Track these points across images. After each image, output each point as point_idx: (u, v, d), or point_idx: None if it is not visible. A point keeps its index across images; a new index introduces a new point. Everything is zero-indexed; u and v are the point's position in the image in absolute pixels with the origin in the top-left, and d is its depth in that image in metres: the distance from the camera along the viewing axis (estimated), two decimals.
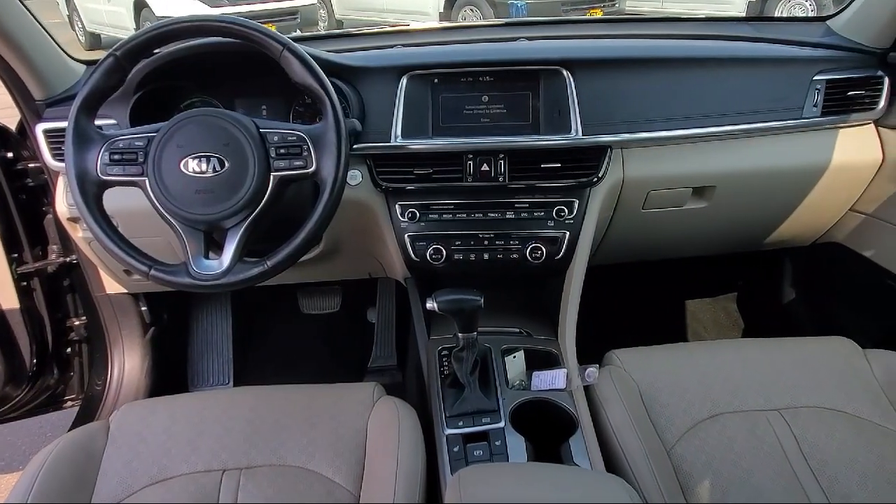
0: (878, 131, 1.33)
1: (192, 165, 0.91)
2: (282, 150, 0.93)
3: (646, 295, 2.00)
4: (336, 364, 1.86)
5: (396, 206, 1.22)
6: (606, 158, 1.20)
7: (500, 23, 1.54)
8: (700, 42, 1.38)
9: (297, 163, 0.93)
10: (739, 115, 1.24)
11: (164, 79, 1.16)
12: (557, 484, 0.70)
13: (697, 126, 1.23)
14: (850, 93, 1.28)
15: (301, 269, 1.40)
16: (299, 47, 0.94)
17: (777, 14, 6.71)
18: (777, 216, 1.44)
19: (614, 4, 7.28)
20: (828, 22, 1.40)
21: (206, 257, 0.95)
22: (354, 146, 1.16)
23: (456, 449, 1.01)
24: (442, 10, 7.45)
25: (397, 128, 1.16)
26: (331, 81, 0.96)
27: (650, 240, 1.46)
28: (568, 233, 1.21)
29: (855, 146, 1.32)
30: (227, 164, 0.91)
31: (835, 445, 0.98)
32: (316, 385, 1.13)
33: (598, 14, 7.07)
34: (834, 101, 1.27)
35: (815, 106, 1.26)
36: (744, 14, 6.77)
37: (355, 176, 1.20)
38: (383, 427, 1.01)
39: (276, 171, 0.93)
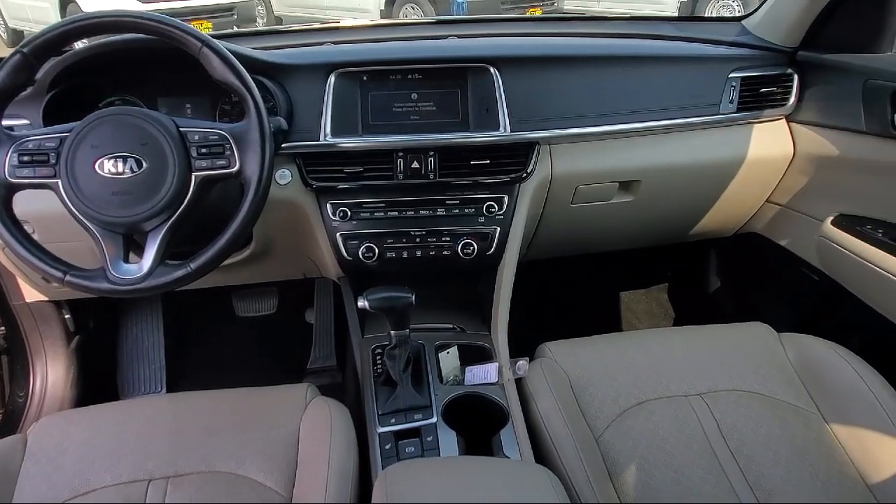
0: (789, 126, 1.40)
1: (107, 166, 0.87)
2: (203, 150, 0.91)
3: (582, 288, 2.05)
4: (274, 367, 1.83)
5: (327, 205, 1.21)
6: (534, 154, 1.23)
7: (431, 21, 1.55)
8: (624, 40, 1.42)
9: (220, 162, 0.91)
10: (661, 111, 1.29)
11: (81, 77, 1.11)
12: (482, 476, 0.71)
13: (621, 122, 1.27)
14: (762, 89, 1.34)
15: (233, 271, 1.38)
16: (219, 44, 0.91)
17: (707, 14, 6.97)
18: (699, 208, 1.49)
19: (553, 3, 7.40)
20: (743, 22, 1.46)
21: (127, 261, 0.92)
22: (283, 145, 1.14)
23: (388, 446, 1.01)
24: (383, 8, 7.41)
25: (326, 126, 1.15)
26: (255, 79, 0.94)
27: (581, 234, 1.50)
28: (498, 228, 1.23)
29: (768, 140, 1.38)
30: (145, 165, 0.88)
31: (751, 426, 1.02)
32: (247, 389, 1.11)
33: (538, 13, 7.17)
34: (748, 97, 1.33)
35: (731, 102, 1.32)
36: (676, 14, 7.00)
37: (285, 175, 1.19)
38: (316, 428, 1.00)
39: (198, 170, 0.90)
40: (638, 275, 2.09)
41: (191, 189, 0.90)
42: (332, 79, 1.16)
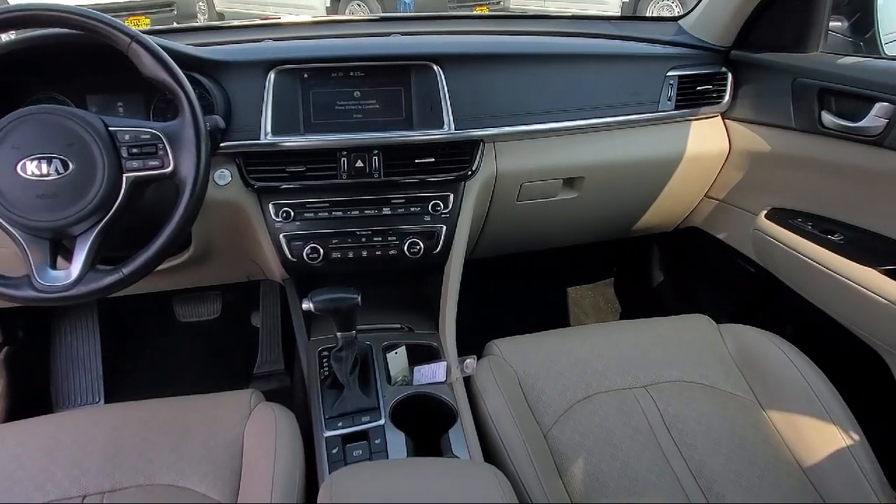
0: (724, 123, 1.45)
1: (30, 168, 0.83)
2: (134, 150, 0.87)
3: (530, 285, 2.07)
4: (218, 373, 1.78)
5: (270, 205, 1.18)
6: (479, 152, 1.23)
7: (374, 18, 1.54)
8: (566, 39, 1.43)
9: (153, 163, 0.87)
10: (602, 109, 1.31)
11: (6, 74, 1.05)
12: (428, 478, 0.70)
13: (564, 119, 1.28)
14: (699, 87, 1.38)
15: (172, 275, 1.33)
16: (149, 39, 0.88)
17: (649, 14, 7.16)
18: (642, 204, 1.53)
19: (499, 2, 7.46)
20: (679, 22, 1.50)
21: (54, 267, 0.87)
22: (221, 144, 1.11)
23: (335, 451, 0.99)
24: (329, 5, 7.31)
25: (266, 125, 1.12)
26: (190, 76, 0.91)
27: (527, 231, 1.51)
28: (444, 227, 1.23)
29: (705, 137, 1.43)
30: (71, 166, 0.84)
31: (693, 415, 1.05)
32: (188, 397, 1.07)
33: (484, 11, 7.22)
34: (686, 95, 1.37)
35: (669, 100, 1.35)
36: (619, 13, 7.17)
37: (224, 175, 1.15)
38: (260, 435, 0.98)
39: (129, 171, 0.87)
40: (584, 270, 2.13)
41: (122, 191, 0.87)
42: (271, 76, 1.13)
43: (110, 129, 0.86)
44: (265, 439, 0.96)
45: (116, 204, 0.87)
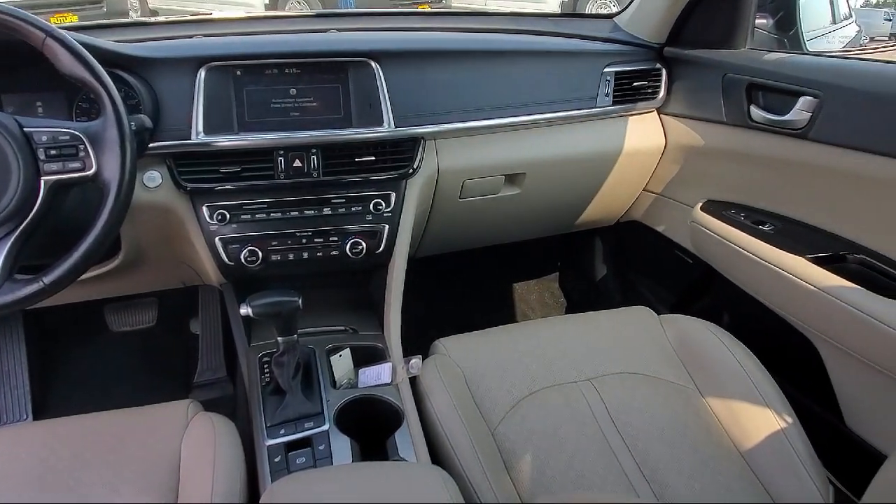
0: (660, 118, 1.48)
1: None
2: (53, 152, 0.82)
3: (476, 282, 2.07)
4: (156, 384, 1.71)
5: (204, 207, 1.14)
6: (420, 150, 1.22)
7: (311, 14, 1.50)
8: (505, 36, 1.44)
9: (73, 165, 0.83)
10: (542, 105, 1.32)
11: None
12: (371, 482, 0.68)
13: (504, 116, 1.28)
14: (635, 84, 1.40)
15: (102, 283, 1.27)
16: (66, 34, 0.83)
17: (588, 12, 7.30)
18: (583, 198, 1.55)
19: (441, 0, 7.46)
20: (615, 19, 1.53)
21: None
22: (150, 145, 1.06)
23: (277, 459, 0.96)
24: (268, 2, 7.15)
25: (198, 124, 1.08)
26: (113, 73, 0.87)
27: (471, 228, 1.51)
28: (387, 226, 1.21)
29: (643, 132, 1.46)
30: None
31: (636, 406, 1.07)
32: (122, 410, 1.02)
33: (426, 8, 7.20)
34: (622, 91, 1.39)
35: (606, 96, 1.38)
36: (558, 11, 7.28)
37: (154, 178, 1.10)
38: (198, 446, 0.94)
39: (48, 175, 0.82)
40: (530, 265, 2.15)
41: (40, 195, 0.82)
42: (202, 73, 1.09)
43: (25, 129, 0.81)
44: (204, 451, 0.92)
45: (35, 209, 0.82)
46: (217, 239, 1.14)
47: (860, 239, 1.10)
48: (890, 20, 1.58)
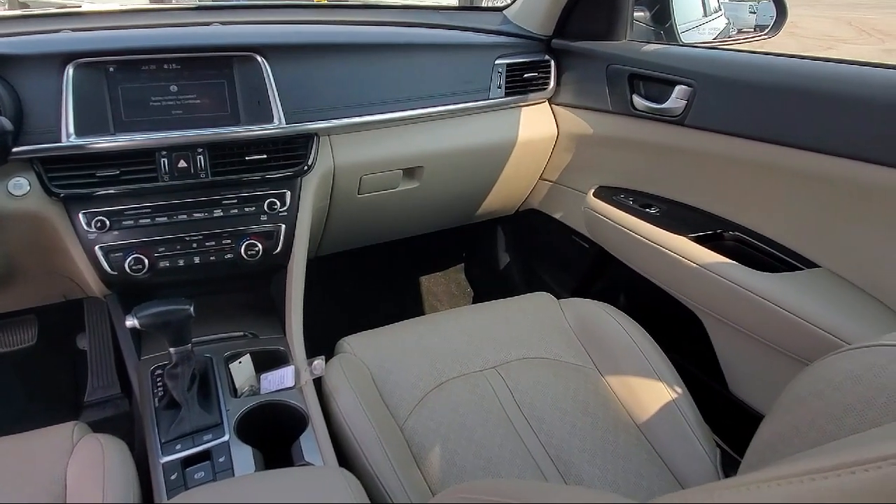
0: (552, 108, 1.53)
1: None
2: None
3: (382, 278, 2.06)
4: (41, 407, 1.58)
5: (80, 215, 1.06)
6: (314, 146, 1.19)
7: (191, 7, 1.42)
8: (397, 29, 1.43)
9: None
10: (436, 98, 1.32)
11: None
12: (271, 491, 0.66)
13: (399, 109, 1.28)
14: (526, 75, 1.44)
15: None
16: None
17: (486, 5, 7.40)
18: (481, 189, 1.57)
19: None
20: (504, 11, 1.55)
21: None
22: (13, 150, 0.97)
23: (174, 476, 0.91)
24: None
25: (69, 125, 1.00)
26: None
27: (372, 223, 1.50)
28: (284, 225, 1.18)
29: (535, 122, 1.49)
30: None
31: (540, 389, 1.10)
32: None
33: (318, 0, 7.04)
34: (514, 82, 1.42)
35: (499, 87, 1.40)
36: (451, 3, 7.33)
37: (20, 185, 1.02)
38: (86, 471, 0.87)
39: None
40: (436, 258, 2.16)
41: None
42: (69, 70, 1.01)
43: None
44: (92, 475, 0.86)
45: None
46: (97, 248, 1.07)
47: (735, 217, 1.18)
48: (755, 13, 1.70)
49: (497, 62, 1.39)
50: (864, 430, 0.49)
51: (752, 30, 1.59)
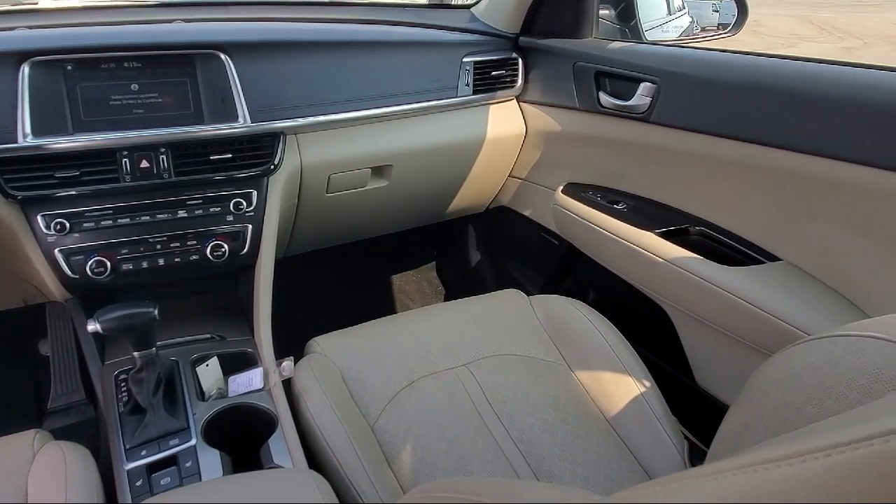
0: (520, 106, 1.53)
1: None
2: None
3: (353, 277, 2.05)
4: (0, 415, 1.54)
5: (38, 217, 1.03)
6: (280, 145, 1.17)
7: (152, 3, 1.39)
8: (365, 26, 1.42)
9: None
10: (404, 96, 1.32)
11: None
12: (238, 494, 0.65)
13: (367, 107, 1.27)
14: (494, 73, 1.44)
15: None
16: None
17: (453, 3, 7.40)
18: (451, 187, 1.57)
19: None
20: (472, 9, 1.55)
21: None
22: None
23: (139, 483, 0.89)
24: None
25: (25, 125, 0.98)
26: None
27: (341, 223, 1.49)
28: (250, 226, 1.16)
29: (504, 120, 1.50)
30: None
31: (511, 386, 1.10)
32: None
33: None
34: (482, 80, 1.42)
35: (467, 85, 1.40)
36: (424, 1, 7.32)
37: None
38: (47, 480, 0.85)
39: None
40: (407, 256, 2.15)
41: None
42: (24, 69, 0.98)
43: None
44: (54, 484, 0.84)
45: None
46: (57, 251, 1.04)
47: (700, 213, 1.20)
48: (717, 11, 1.72)
49: (465, 60, 1.39)
50: (823, 418, 0.51)
51: (716, 28, 1.61)
